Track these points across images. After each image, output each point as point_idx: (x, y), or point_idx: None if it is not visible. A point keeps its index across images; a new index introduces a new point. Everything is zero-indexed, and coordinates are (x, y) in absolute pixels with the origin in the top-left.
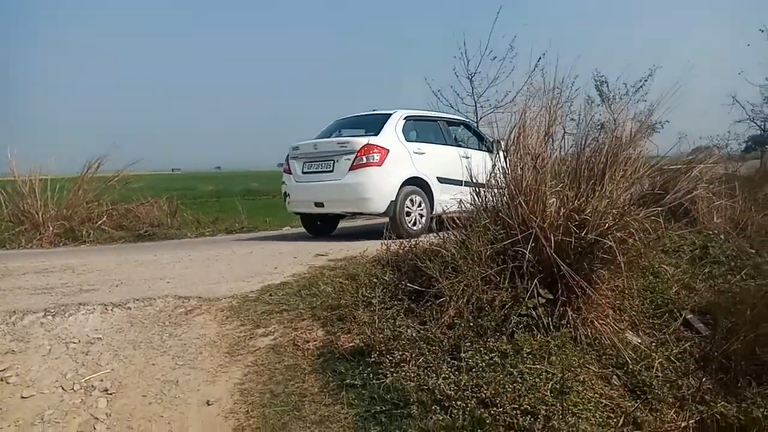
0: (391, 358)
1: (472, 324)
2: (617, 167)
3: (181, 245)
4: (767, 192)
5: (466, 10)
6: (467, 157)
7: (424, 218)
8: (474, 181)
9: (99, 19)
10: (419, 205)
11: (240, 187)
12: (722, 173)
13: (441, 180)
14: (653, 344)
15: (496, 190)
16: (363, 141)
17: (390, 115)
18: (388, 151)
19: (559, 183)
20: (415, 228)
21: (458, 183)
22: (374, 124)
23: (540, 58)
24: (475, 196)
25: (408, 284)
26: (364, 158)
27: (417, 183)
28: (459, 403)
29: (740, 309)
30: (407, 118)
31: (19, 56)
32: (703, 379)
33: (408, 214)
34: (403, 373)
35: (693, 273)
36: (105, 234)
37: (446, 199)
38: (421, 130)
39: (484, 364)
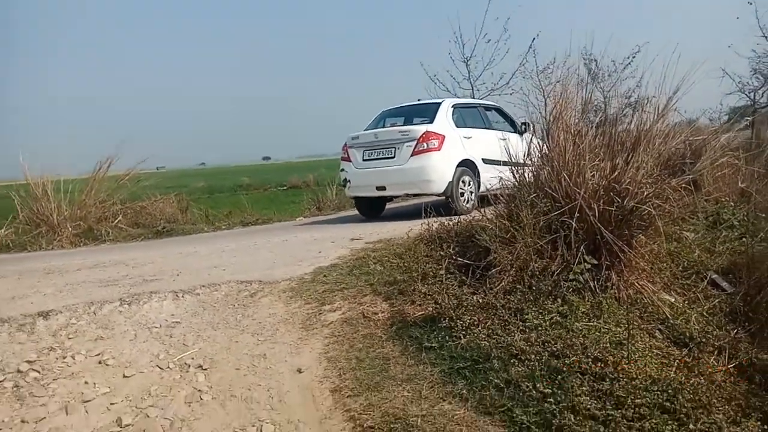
0: (461, 322)
1: (529, 289)
2: (649, 140)
3: (208, 238)
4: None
5: None
6: (504, 139)
7: (474, 196)
8: (512, 160)
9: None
10: (469, 185)
11: (230, 183)
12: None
13: (485, 161)
14: (686, 302)
15: (539, 167)
16: (423, 129)
17: (440, 103)
18: (444, 137)
19: (596, 157)
20: (467, 205)
21: (499, 163)
22: (426, 112)
23: (534, 39)
24: (519, 174)
25: (459, 258)
26: (425, 144)
27: (467, 165)
28: (534, 356)
29: (761, 267)
30: (454, 106)
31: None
32: (736, 330)
33: (462, 193)
34: (475, 334)
35: (711, 238)
36: (123, 232)
37: (489, 178)
38: (465, 116)
39: (546, 323)
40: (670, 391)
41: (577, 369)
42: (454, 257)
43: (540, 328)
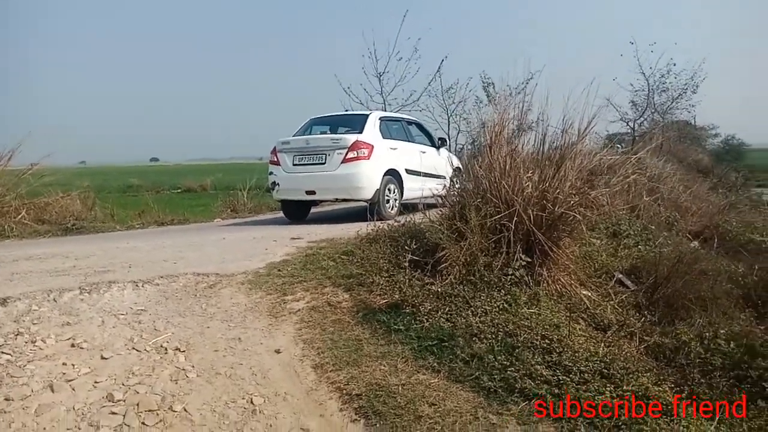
0: (423, 308)
1: (480, 281)
2: (572, 157)
3: (133, 236)
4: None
5: (375, 11)
6: (424, 152)
7: (397, 203)
8: (430, 173)
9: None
10: (394, 193)
11: (117, 183)
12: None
13: (408, 171)
14: (600, 296)
15: (480, 177)
16: (353, 138)
17: (368, 115)
18: (373, 146)
19: (529, 170)
20: (392, 212)
21: (419, 174)
22: (354, 123)
23: (442, 60)
24: (462, 183)
25: (411, 255)
26: (355, 152)
27: (393, 174)
28: (491, 335)
29: (658, 270)
30: (381, 119)
31: None
32: (643, 319)
33: (387, 200)
34: (436, 319)
35: (614, 245)
36: (28, 228)
37: (411, 187)
38: (391, 128)
39: (495, 310)
40: (606, 360)
41: (529, 345)
42: (406, 253)
43: (490, 314)
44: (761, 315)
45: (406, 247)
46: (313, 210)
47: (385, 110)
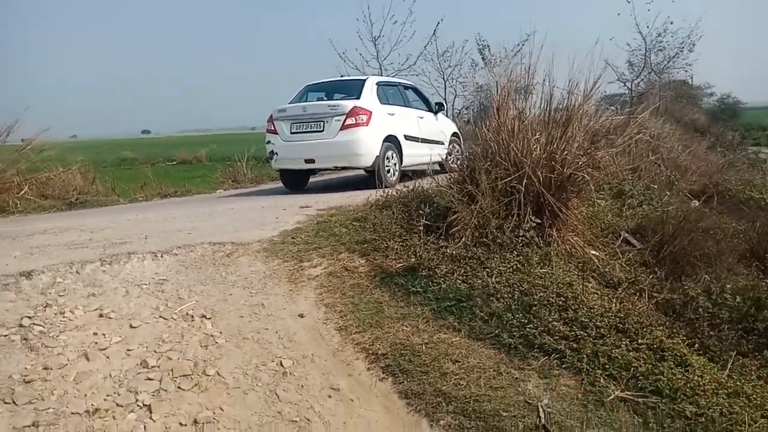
0: (438, 271)
1: (493, 242)
2: (578, 118)
3: (139, 208)
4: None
5: None
6: (421, 118)
7: (397, 170)
8: (428, 138)
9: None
10: (393, 159)
11: (112, 157)
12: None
13: (407, 137)
14: (607, 256)
15: (489, 140)
16: (351, 104)
17: (365, 80)
18: (371, 112)
19: (537, 132)
20: (392, 179)
21: (417, 140)
22: (351, 89)
23: (438, 23)
24: (470, 147)
25: (425, 221)
26: (354, 119)
27: (392, 140)
28: (507, 294)
29: (665, 228)
30: (378, 84)
31: None
32: (651, 276)
33: (387, 167)
34: (453, 280)
35: (618, 205)
36: (32, 203)
37: (410, 154)
38: (388, 93)
39: (510, 270)
40: (620, 315)
41: (545, 303)
42: (420, 218)
43: (505, 274)
44: (767, 269)
45: (420, 212)
46: (312, 179)
47: (382, 75)
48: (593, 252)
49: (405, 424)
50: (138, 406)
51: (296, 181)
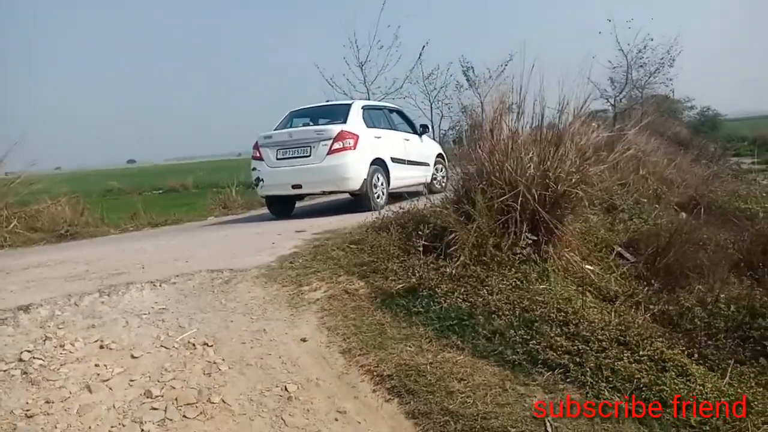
0: (439, 290)
1: (491, 260)
2: (570, 136)
3: (132, 238)
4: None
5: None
6: (407, 140)
7: (385, 193)
8: (414, 160)
9: None
10: (381, 182)
11: (98, 187)
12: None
13: (393, 160)
14: (602, 270)
15: (483, 160)
16: (338, 128)
17: (350, 105)
18: (358, 136)
19: (530, 151)
20: (380, 201)
21: (404, 162)
22: (336, 113)
23: (423, 46)
24: (465, 168)
25: (420, 241)
26: (341, 143)
27: (379, 163)
28: (509, 311)
29: (659, 240)
30: (364, 107)
31: None
32: (647, 289)
33: (375, 190)
34: (454, 299)
35: (610, 220)
36: (22, 236)
37: (398, 176)
38: (374, 117)
39: (509, 287)
40: (621, 328)
41: (546, 318)
42: (418, 239)
43: (504, 291)
44: (761, 277)
45: (419, 232)
46: (298, 204)
47: (369, 99)
48: (589, 267)
49: None
50: None
51: (282, 208)
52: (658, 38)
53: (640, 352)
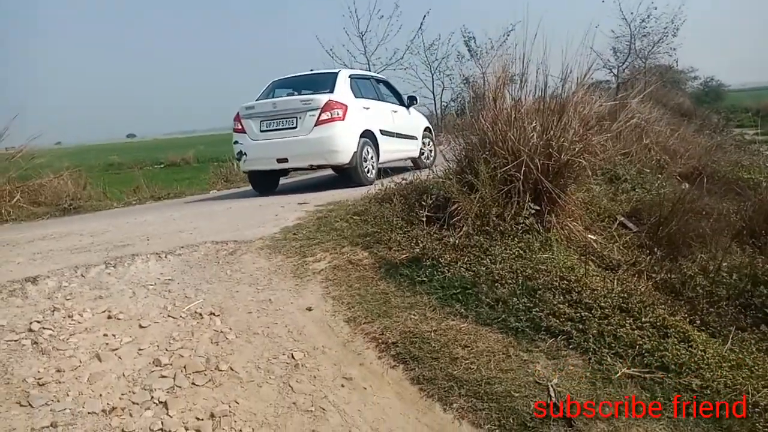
0: (442, 260)
1: (494, 230)
2: (573, 105)
3: (135, 211)
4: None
5: None
6: (395, 112)
7: (375, 167)
8: (403, 133)
9: None
10: (371, 156)
11: (98, 162)
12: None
13: (382, 132)
14: (605, 239)
15: (485, 130)
16: (325, 98)
17: (337, 73)
18: (347, 106)
19: (533, 120)
20: (370, 176)
21: (393, 135)
22: (322, 82)
23: (424, 16)
24: (467, 137)
25: (426, 212)
26: (329, 113)
27: (368, 135)
28: (512, 280)
29: (661, 210)
30: (351, 77)
31: None
32: (648, 257)
33: (365, 164)
34: (457, 268)
35: (613, 190)
36: (25, 211)
37: (387, 149)
38: (361, 87)
39: (512, 256)
40: (623, 296)
41: (549, 286)
42: (421, 209)
43: (508, 261)
44: (763, 246)
45: (422, 203)
46: (283, 180)
47: (370, 71)
48: (591, 236)
49: (419, 409)
50: (154, 403)
51: (266, 183)
52: (662, 7)
53: (643, 319)
